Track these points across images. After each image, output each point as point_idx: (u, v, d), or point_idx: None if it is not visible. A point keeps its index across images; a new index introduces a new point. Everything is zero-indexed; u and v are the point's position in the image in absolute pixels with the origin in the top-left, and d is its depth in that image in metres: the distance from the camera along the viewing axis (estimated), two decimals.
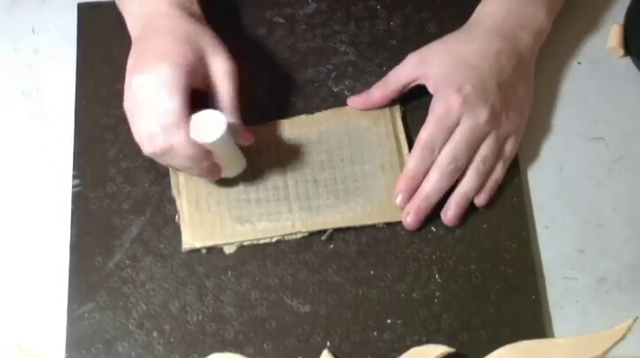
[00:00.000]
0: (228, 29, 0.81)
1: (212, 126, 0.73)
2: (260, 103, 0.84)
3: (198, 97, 0.76)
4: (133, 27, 0.80)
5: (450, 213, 0.79)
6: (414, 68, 0.81)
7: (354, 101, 0.83)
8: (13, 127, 0.85)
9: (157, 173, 0.82)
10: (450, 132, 0.78)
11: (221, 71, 0.77)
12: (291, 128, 0.82)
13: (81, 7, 0.89)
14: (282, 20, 0.88)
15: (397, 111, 0.83)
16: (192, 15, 0.79)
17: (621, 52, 0.87)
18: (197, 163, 0.74)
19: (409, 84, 0.82)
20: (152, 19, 0.78)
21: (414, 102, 0.83)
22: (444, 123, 0.78)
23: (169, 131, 0.72)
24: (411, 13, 0.88)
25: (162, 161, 0.76)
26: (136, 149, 0.81)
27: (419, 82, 0.81)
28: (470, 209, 0.80)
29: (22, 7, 0.90)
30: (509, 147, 0.81)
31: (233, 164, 0.79)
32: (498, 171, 0.81)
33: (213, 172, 0.77)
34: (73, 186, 0.81)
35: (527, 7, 0.82)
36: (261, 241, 0.79)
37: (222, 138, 0.73)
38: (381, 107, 0.83)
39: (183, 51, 0.74)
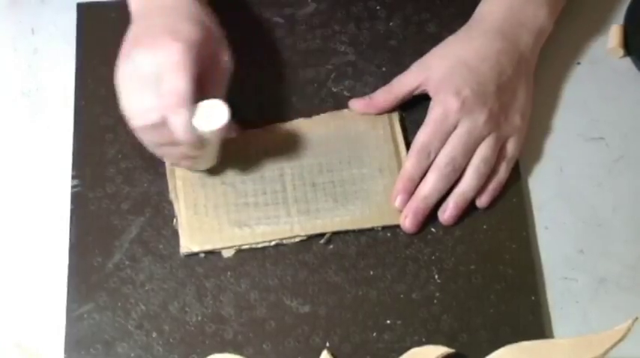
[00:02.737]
0: (228, 29, 0.81)
1: (213, 115, 0.72)
2: (260, 103, 0.84)
3: None
4: (133, 3, 0.78)
5: (447, 213, 0.79)
6: (416, 75, 0.81)
7: (356, 104, 0.83)
8: (12, 127, 0.85)
9: (157, 173, 0.82)
10: (448, 135, 0.78)
11: (226, 67, 0.76)
12: (290, 131, 0.82)
13: (81, 7, 0.89)
14: (282, 20, 0.88)
15: (395, 115, 0.83)
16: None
17: (621, 52, 0.87)
18: (188, 149, 0.74)
19: (412, 91, 0.82)
20: None
21: (412, 105, 0.83)
22: (441, 126, 0.78)
23: (171, 110, 0.71)
24: (411, 14, 0.88)
25: (145, 138, 0.76)
26: (135, 149, 0.82)
27: (422, 88, 0.81)
28: (469, 209, 0.80)
29: (21, 7, 0.90)
30: (511, 148, 0.81)
31: (213, 156, 0.78)
32: (501, 172, 0.81)
33: (187, 160, 0.77)
34: (73, 187, 0.81)
35: (527, 6, 0.82)
36: (260, 245, 0.79)
37: (223, 127, 0.72)
38: (383, 113, 0.83)
39: (194, 33, 0.73)
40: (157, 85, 0.72)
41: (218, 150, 0.78)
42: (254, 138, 0.82)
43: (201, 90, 0.74)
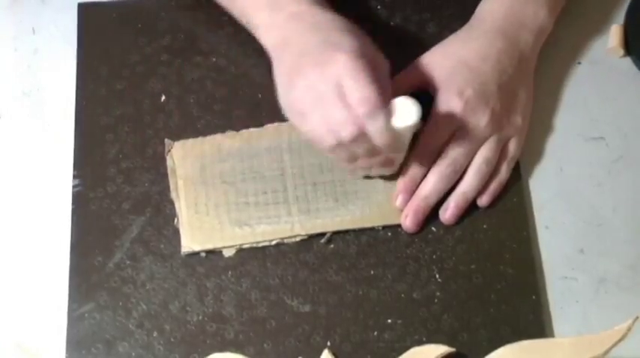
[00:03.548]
0: (228, 29, 0.81)
1: (405, 111, 0.72)
2: (260, 103, 0.84)
3: None
4: (267, 35, 0.78)
5: (448, 213, 0.79)
6: (417, 74, 0.81)
7: None
8: (13, 127, 0.85)
9: (157, 173, 0.82)
10: (450, 135, 0.78)
11: (385, 66, 0.76)
12: (291, 131, 0.82)
13: (81, 7, 0.89)
14: None
15: None
16: (329, 7, 0.78)
17: (621, 52, 0.87)
18: (390, 150, 0.73)
19: (413, 89, 0.81)
20: (296, 21, 0.76)
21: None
22: (444, 126, 0.78)
23: (368, 117, 0.70)
24: (411, 13, 0.88)
25: (342, 152, 0.74)
26: (136, 149, 0.82)
27: (422, 86, 0.81)
28: (470, 209, 0.80)
29: (22, 7, 0.90)
30: (513, 148, 0.81)
31: (403, 156, 0.78)
32: (503, 172, 0.81)
33: (392, 163, 0.77)
34: (73, 186, 0.81)
35: (528, 6, 0.82)
36: (261, 244, 0.79)
37: (419, 120, 0.73)
38: None
39: (356, 42, 0.73)
40: (340, 99, 0.71)
41: (407, 148, 0.78)
42: (254, 137, 0.82)
43: None
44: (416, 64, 0.82)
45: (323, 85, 0.71)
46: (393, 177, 0.80)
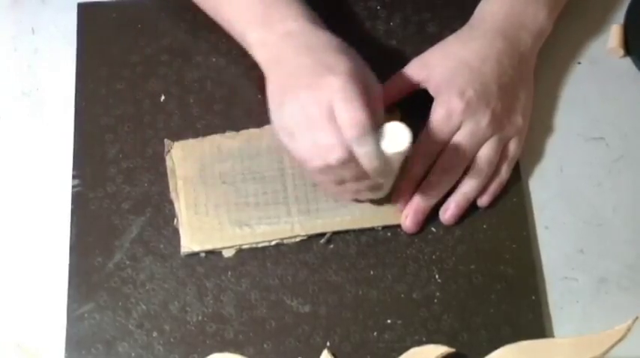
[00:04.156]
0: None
1: (396, 136, 0.71)
2: (260, 103, 0.84)
3: None
4: (263, 51, 0.77)
5: (448, 213, 0.79)
6: (416, 72, 0.81)
7: None
8: (13, 127, 0.85)
9: (157, 173, 0.82)
10: (451, 136, 0.78)
11: (379, 90, 0.75)
12: None
13: (81, 7, 0.89)
14: None
15: (395, 113, 0.83)
16: (323, 27, 0.77)
17: (621, 52, 0.87)
18: (379, 175, 0.72)
19: (411, 88, 0.81)
20: (289, 39, 0.75)
21: (412, 105, 0.83)
22: (444, 127, 0.78)
23: (358, 142, 0.70)
24: (411, 14, 0.88)
25: (326, 178, 0.74)
26: (136, 149, 0.82)
27: (421, 86, 0.81)
28: (470, 209, 0.80)
29: (22, 7, 0.90)
30: (513, 149, 0.81)
31: (392, 181, 0.77)
32: (503, 172, 0.81)
33: (380, 188, 0.76)
34: (73, 186, 0.81)
35: (528, 7, 0.82)
36: (260, 245, 0.79)
37: (409, 147, 0.72)
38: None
39: (350, 65, 0.72)
40: (332, 120, 0.70)
41: (397, 173, 0.77)
42: (254, 137, 0.82)
43: None
44: (415, 64, 0.82)
45: (314, 107, 0.71)
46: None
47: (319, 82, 0.71)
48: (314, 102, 0.71)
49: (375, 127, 0.71)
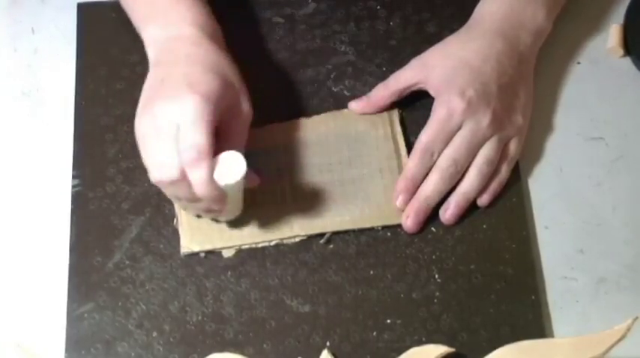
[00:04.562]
0: (227, 29, 0.81)
1: (232, 167, 0.71)
2: (259, 103, 0.84)
3: None
4: (151, 49, 0.77)
5: (448, 213, 0.79)
6: (415, 72, 0.81)
7: (355, 104, 0.83)
8: (13, 127, 0.85)
9: None
10: (451, 135, 0.78)
11: (245, 116, 0.75)
12: (290, 131, 0.82)
13: (81, 7, 0.89)
14: (281, 20, 0.88)
15: (395, 114, 0.83)
16: (216, 41, 0.77)
17: (621, 52, 0.87)
18: (211, 202, 0.72)
19: (410, 87, 0.81)
20: (175, 43, 0.75)
21: (412, 105, 0.83)
22: (445, 127, 0.78)
23: (191, 166, 0.70)
24: (410, 13, 0.88)
25: (166, 190, 0.74)
26: (135, 149, 0.81)
27: (420, 86, 0.81)
28: (470, 209, 0.80)
29: (21, 7, 0.90)
30: (513, 148, 0.81)
31: (236, 207, 0.78)
32: (503, 173, 0.81)
33: (213, 213, 0.76)
34: (73, 186, 0.81)
35: (527, 7, 0.82)
36: (260, 245, 0.79)
37: (242, 179, 0.72)
38: (381, 110, 0.83)
39: (214, 85, 0.72)
40: (176, 138, 0.70)
41: (241, 200, 0.77)
42: (254, 137, 0.82)
43: (220, 140, 0.72)
44: (415, 64, 0.82)
45: (164, 120, 0.71)
46: (394, 178, 0.80)
47: (177, 96, 0.71)
48: (165, 116, 0.71)
49: (217, 155, 0.71)
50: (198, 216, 0.79)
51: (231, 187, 0.72)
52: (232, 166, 0.71)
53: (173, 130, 0.70)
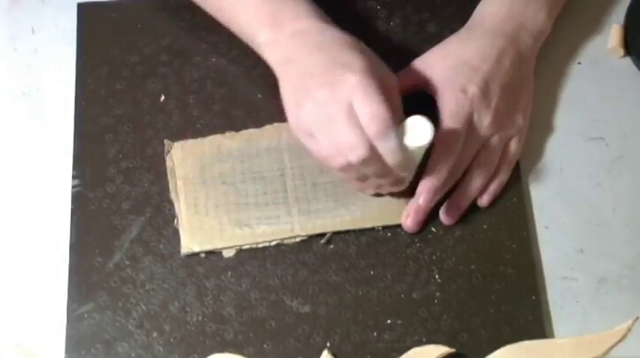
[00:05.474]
0: (227, 29, 0.81)
1: (417, 130, 0.71)
2: (259, 103, 0.84)
3: None
4: (271, 52, 0.76)
5: (449, 213, 0.79)
6: (417, 73, 0.81)
7: None
8: (12, 127, 0.85)
9: (157, 173, 0.82)
10: (466, 126, 0.77)
11: (393, 81, 0.75)
12: (290, 131, 0.82)
13: (81, 7, 0.89)
14: None
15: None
16: (331, 23, 0.77)
17: (621, 52, 0.87)
18: (401, 170, 0.72)
19: (412, 88, 0.81)
20: (300, 39, 0.75)
21: (412, 104, 0.83)
22: (458, 120, 0.77)
23: (379, 137, 0.69)
24: (410, 13, 0.88)
25: (352, 173, 0.74)
26: (135, 149, 0.82)
27: (422, 86, 0.81)
28: (470, 209, 0.80)
29: (21, 7, 0.90)
30: (513, 148, 0.81)
31: (412, 175, 0.77)
32: (503, 173, 0.80)
33: (402, 182, 0.76)
34: (73, 187, 0.81)
35: (527, 8, 0.82)
36: (260, 245, 0.79)
37: (431, 141, 0.72)
38: None
39: (363, 59, 0.72)
40: (351, 118, 0.70)
41: (418, 165, 0.77)
42: (254, 137, 0.82)
43: None
44: (416, 64, 0.82)
45: (332, 105, 0.70)
46: None
47: (336, 79, 0.71)
48: (332, 101, 0.70)
49: (396, 122, 0.70)
50: (378, 195, 0.79)
51: (421, 149, 0.72)
52: (418, 129, 0.71)
53: (346, 112, 0.70)
